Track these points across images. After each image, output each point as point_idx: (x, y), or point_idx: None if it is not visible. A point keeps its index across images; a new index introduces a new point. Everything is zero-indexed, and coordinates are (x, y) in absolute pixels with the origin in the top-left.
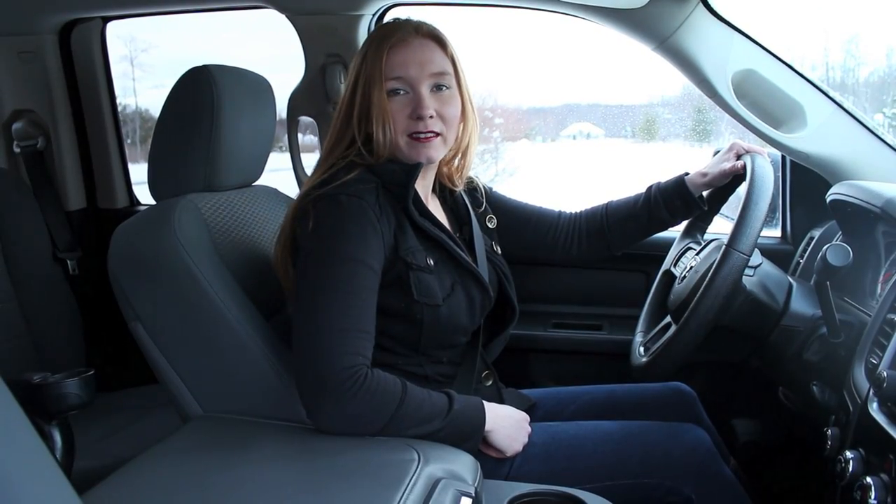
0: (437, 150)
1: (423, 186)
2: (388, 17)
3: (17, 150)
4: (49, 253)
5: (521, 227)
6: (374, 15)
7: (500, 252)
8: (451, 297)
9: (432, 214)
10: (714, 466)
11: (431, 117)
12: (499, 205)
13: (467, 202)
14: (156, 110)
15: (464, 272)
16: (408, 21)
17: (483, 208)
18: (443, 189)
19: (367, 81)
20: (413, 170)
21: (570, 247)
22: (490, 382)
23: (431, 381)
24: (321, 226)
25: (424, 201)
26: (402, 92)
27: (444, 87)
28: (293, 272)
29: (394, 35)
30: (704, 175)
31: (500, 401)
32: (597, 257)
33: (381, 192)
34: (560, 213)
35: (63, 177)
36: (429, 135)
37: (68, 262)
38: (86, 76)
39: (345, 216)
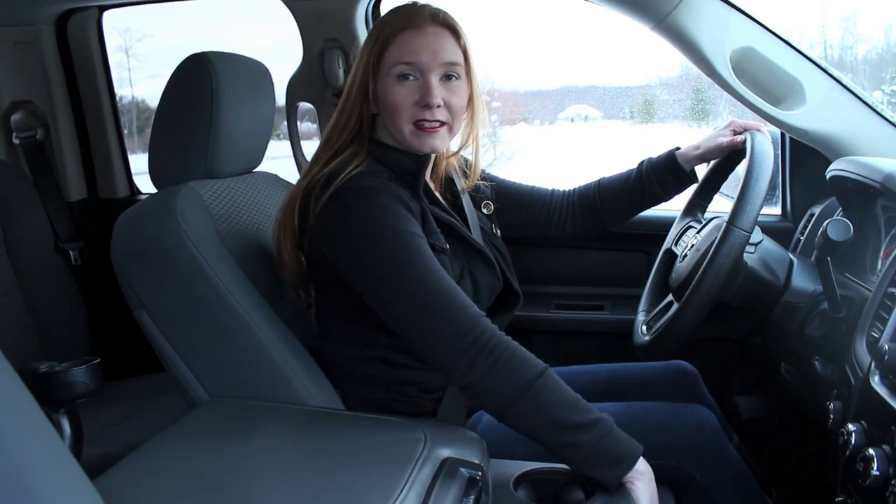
0: (443, 140)
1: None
2: (385, 1)
3: (16, 141)
4: (51, 244)
5: (515, 206)
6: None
7: (499, 235)
8: (460, 282)
9: (440, 201)
10: (719, 446)
11: (439, 106)
12: (491, 185)
13: (458, 182)
14: (152, 100)
15: (472, 255)
16: (425, 7)
17: (479, 193)
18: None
19: (379, 60)
20: (423, 160)
21: (564, 224)
22: None
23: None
24: (359, 215)
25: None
26: (411, 77)
27: (454, 77)
28: (302, 265)
29: (409, 19)
30: (697, 148)
31: None
32: (591, 234)
33: (394, 182)
34: (553, 191)
35: (63, 167)
36: (434, 124)
37: (70, 252)
38: (83, 66)
39: (380, 198)
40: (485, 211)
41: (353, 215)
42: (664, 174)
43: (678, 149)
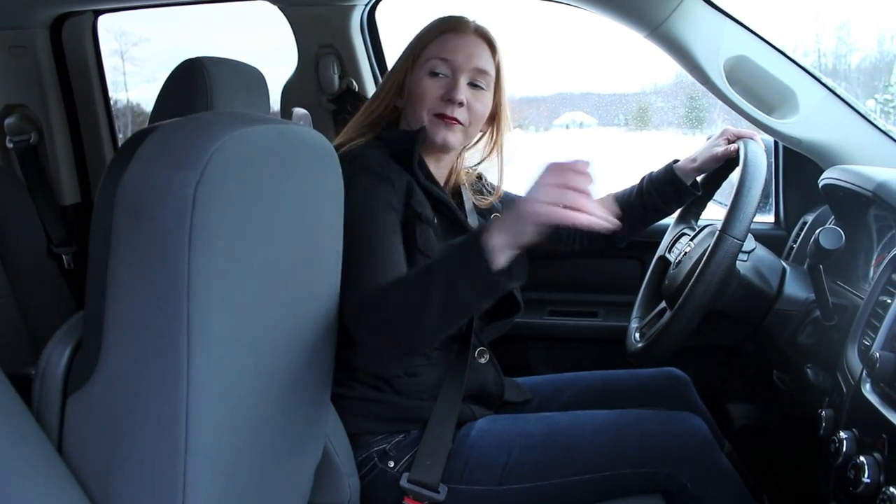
0: (456, 137)
1: (437, 174)
2: (380, 7)
3: (9, 145)
4: (44, 248)
5: None
6: (366, 5)
7: None
8: None
9: (436, 179)
10: (711, 454)
11: (461, 105)
12: (504, 201)
13: (468, 193)
14: (147, 104)
15: (462, 234)
16: (472, 21)
17: (489, 206)
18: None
19: (417, 56)
20: (416, 134)
21: (574, 240)
22: (484, 360)
23: (426, 355)
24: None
25: None
26: (441, 74)
27: (481, 85)
28: None
29: (454, 25)
30: (694, 160)
31: (500, 381)
32: (601, 250)
33: (386, 156)
34: None
35: (57, 171)
36: (452, 120)
37: (63, 256)
38: (78, 70)
39: (353, 173)
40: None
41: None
42: (664, 187)
43: (676, 161)
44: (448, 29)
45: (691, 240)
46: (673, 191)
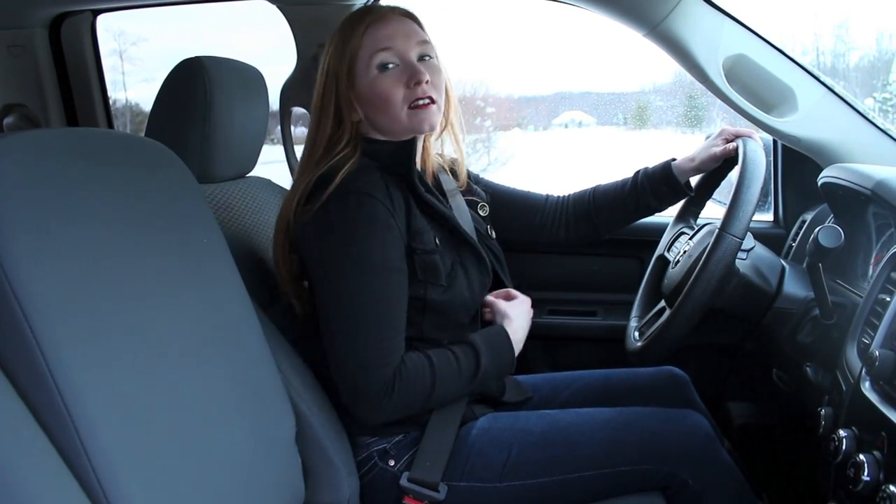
0: (435, 117)
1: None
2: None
3: None
4: None
5: (508, 210)
6: (365, 4)
7: (494, 236)
8: (451, 274)
9: (434, 192)
10: (712, 451)
11: (427, 82)
12: (485, 189)
13: (447, 181)
14: (146, 104)
15: (463, 248)
16: (381, 5)
17: (475, 196)
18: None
19: (353, 63)
20: (409, 145)
21: (557, 230)
22: None
23: None
24: (335, 233)
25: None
26: (391, 65)
27: (430, 57)
28: (295, 271)
29: (370, 16)
30: (692, 160)
31: (501, 382)
32: (584, 241)
33: (386, 179)
34: (547, 196)
35: None
36: (426, 100)
37: None
38: (77, 69)
39: (358, 220)
40: (481, 213)
41: (329, 229)
42: (659, 185)
43: (674, 160)
44: (370, 22)
45: (690, 238)
46: (668, 189)
